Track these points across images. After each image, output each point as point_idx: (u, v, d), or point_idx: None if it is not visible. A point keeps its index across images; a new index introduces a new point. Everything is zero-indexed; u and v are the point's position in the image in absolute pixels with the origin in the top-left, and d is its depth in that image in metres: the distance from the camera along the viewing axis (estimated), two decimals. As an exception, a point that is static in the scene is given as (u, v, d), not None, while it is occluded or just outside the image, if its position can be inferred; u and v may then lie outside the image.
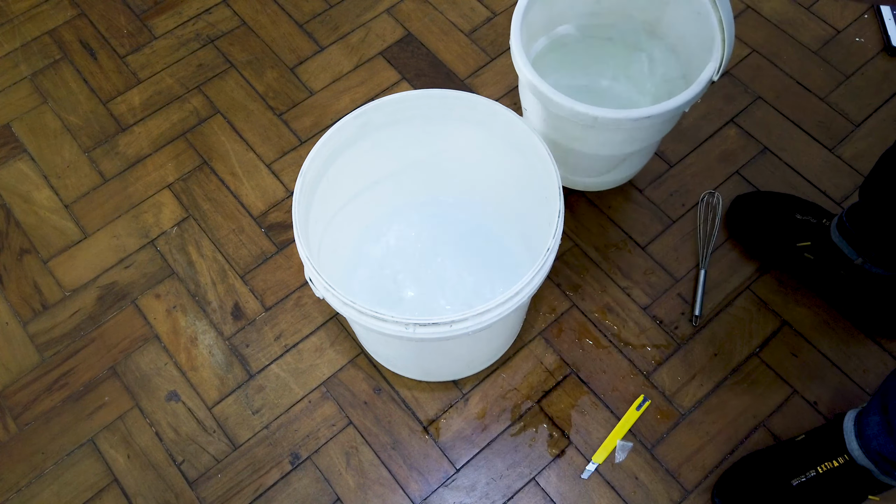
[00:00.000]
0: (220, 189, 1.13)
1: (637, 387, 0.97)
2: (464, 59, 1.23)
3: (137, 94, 1.22)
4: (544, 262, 0.74)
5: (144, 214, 1.11)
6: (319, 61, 1.24)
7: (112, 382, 0.99)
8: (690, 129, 1.15)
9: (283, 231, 1.09)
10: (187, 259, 1.08)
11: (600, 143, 0.91)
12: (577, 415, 0.95)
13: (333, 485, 0.92)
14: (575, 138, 0.91)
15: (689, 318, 1.00)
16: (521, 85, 0.94)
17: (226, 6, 1.31)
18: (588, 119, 0.83)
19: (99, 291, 1.05)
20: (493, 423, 0.95)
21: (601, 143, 0.91)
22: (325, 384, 0.98)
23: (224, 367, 1.00)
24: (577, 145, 0.92)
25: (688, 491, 0.90)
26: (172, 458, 0.94)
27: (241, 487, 0.92)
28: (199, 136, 1.18)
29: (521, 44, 0.88)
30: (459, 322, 0.72)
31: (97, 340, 1.02)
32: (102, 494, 0.92)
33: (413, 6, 1.29)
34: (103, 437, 0.96)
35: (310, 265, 0.76)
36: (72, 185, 1.14)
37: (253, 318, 1.03)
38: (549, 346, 0.99)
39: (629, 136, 0.89)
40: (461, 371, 0.96)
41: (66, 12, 1.31)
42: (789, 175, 1.10)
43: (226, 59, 1.25)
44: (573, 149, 0.94)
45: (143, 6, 1.31)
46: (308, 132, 1.18)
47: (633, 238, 1.07)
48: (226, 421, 0.96)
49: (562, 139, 0.93)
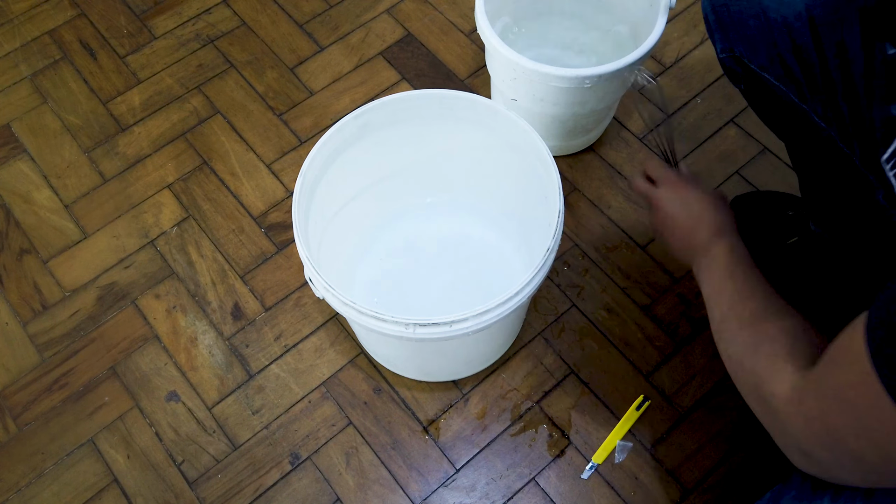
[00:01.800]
0: (220, 189, 1.13)
1: (637, 387, 0.97)
2: (464, 59, 1.23)
3: (137, 95, 1.22)
4: (544, 262, 0.74)
5: (144, 214, 1.11)
6: (319, 61, 1.24)
7: (112, 382, 0.99)
8: (690, 129, 1.15)
9: (283, 231, 1.09)
10: (187, 259, 1.07)
11: (566, 104, 0.99)
12: (577, 415, 0.95)
13: (333, 485, 0.92)
14: (541, 100, 0.98)
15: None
16: (490, 55, 1.02)
17: (226, 6, 1.31)
18: (553, 79, 0.92)
19: (99, 291, 1.05)
20: (493, 423, 0.95)
21: (566, 104, 0.99)
22: (325, 384, 0.98)
23: (224, 367, 1.00)
24: (542, 108, 1.01)
25: (688, 491, 0.90)
26: (172, 458, 0.94)
27: (240, 487, 0.92)
28: (199, 137, 1.18)
29: (485, 15, 0.95)
30: (459, 322, 0.72)
31: (97, 340, 1.02)
32: (102, 494, 0.92)
33: (413, 6, 1.29)
34: (103, 437, 0.96)
35: (310, 265, 0.76)
36: (72, 185, 1.14)
37: (253, 319, 1.03)
38: (549, 346, 0.99)
39: (590, 95, 0.97)
40: (461, 371, 0.96)
41: (66, 12, 1.31)
42: (789, 175, 1.10)
43: (226, 60, 1.25)
44: (545, 112, 1.01)
45: (143, 6, 1.31)
46: (308, 132, 1.18)
47: (633, 238, 1.07)
48: (226, 421, 0.96)
49: (531, 104, 1.01)
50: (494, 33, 0.94)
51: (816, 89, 0.69)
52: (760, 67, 0.74)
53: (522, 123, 0.84)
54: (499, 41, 0.93)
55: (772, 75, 0.73)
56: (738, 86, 0.81)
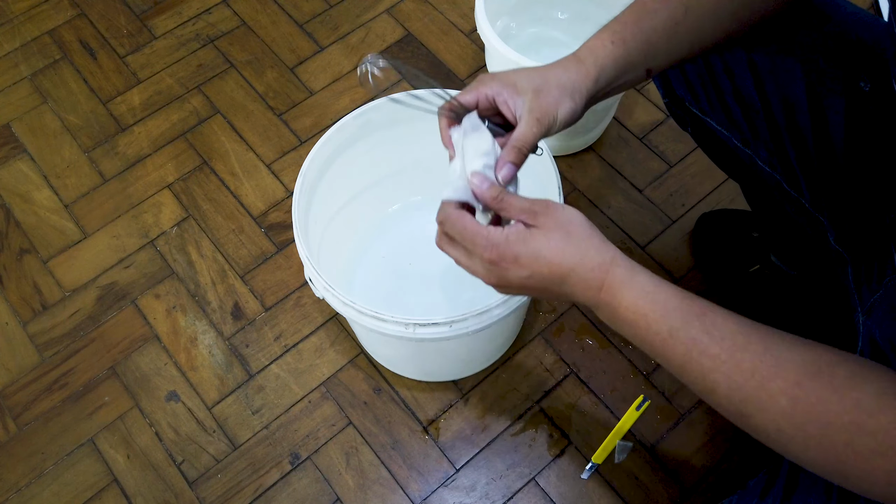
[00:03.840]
0: (219, 189, 1.13)
1: (637, 387, 0.97)
2: (464, 59, 1.23)
3: (137, 94, 1.22)
4: (544, 262, 0.74)
5: (144, 214, 1.11)
6: (319, 61, 1.24)
7: (112, 382, 0.99)
8: (690, 129, 1.15)
9: (283, 231, 1.09)
10: (187, 259, 1.07)
11: None
12: (577, 415, 0.95)
13: (333, 485, 0.92)
14: None
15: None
16: (490, 55, 1.01)
17: (226, 6, 1.31)
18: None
19: (99, 291, 1.05)
20: (493, 423, 0.95)
21: None
22: (324, 384, 0.98)
23: (224, 367, 1.00)
24: None
25: (688, 491, 0.90)
26: (172, 458, 0.94)
27: (240, 487, 0.92)
28: (198, 136, 1.18)
29: (485, 15, 0.95)
30: (459, 322, 0.72)
31: (97, 340, 1.02)
32: (102, 494, 0.92)
33: (413, 6, 1.29)
34: (103, 437, 0.96)
35: (310, 265, 0.76)
36: (72, 185, 1.14)
37: (253, 318, 1.03)
38: (549, 346, 0.99)
39: None
40: (461, 371, 0.96)
41: (66, 12, 1.31)
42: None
43: (226, 59, 1.25)
44: None
45: (143, 6, 1.31)
46: (308, 132, 1.18)
47: (633, 238, 1.07)
48: (225, 421, 0.96)
49: None
50: (494, 33, 0.94)
51: (759, 133, 0.67)
52: (702, 112, 0.72)
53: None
54: (499, 41, 0.93)
55: (714, 119, 0.71)
56: (686, 129, 0.79)
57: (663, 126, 1.16)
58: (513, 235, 0.51)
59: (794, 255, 0.94)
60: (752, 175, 0.74)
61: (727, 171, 0.85)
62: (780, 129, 0.65)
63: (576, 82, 0.56)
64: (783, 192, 0.69)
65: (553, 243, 0.50)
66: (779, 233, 0.92)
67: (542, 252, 0.50)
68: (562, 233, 0.51)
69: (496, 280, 0.53)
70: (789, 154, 0.65)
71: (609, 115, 1.11)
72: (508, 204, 0.53)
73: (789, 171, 0.67)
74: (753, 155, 0.69)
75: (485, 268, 0.53)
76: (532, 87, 0.55)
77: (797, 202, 0.68)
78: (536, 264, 0.51)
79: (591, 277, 0.50)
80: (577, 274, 0.50)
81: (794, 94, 0.63)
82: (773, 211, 0.85)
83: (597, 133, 1.13)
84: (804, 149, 0.64)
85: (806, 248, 0.90)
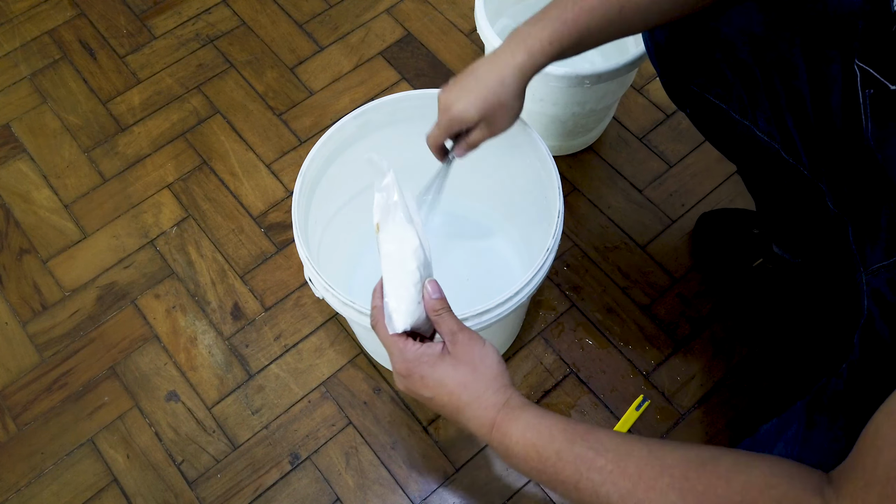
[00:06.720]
0: (219, 189, 1.13)
1: (637, 387, 0.97)
2: (464, 59, 1.23)
3: (137, 94, 1.22)
4: (544, 262, 0.74)
5: (144, 214, 1.11)
6: (319, 61, 1.24)
7: (112, 382, 0.99)
8: (690, 129, 1.15)
9: (283, 231, 1.09)
10: (187, 259, 1.07)
11: (566, 104, 0.99)
12: (577, 415, 0.95)
13: (333, 485, 0.92)
14: (540, 100, 0.99)
15: None
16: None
17: (225, 6, 1.31)
18: (553, 79, 0.93)
19: (98, 291, 1.05)
20: (493, 423, 0.95)
21: (566, 104, 0.99)
22: (324, 384, 0.98)
23: (224, 367, 1.00)
24: (542, 108, 1.02)
25: (687, 491, 0.90)
26: (172, 458, 0.94)
27: (240, 487, 0.92)
28: (198, 136, 1.18)
29: (485, 15, 0.96)
30: (459, 322, 0.71)
31: (97, 340, 1.02)
32: (102, 494, 0.92)
33: (413, 6, 1.29)
34: (103, 437, 0.96)
35: (309, 265, 0.76)
36: (71, 185, 1.14)
37: (252, 318, 1.03)
38: (549, 346, 0.99)
39: (589, 95, 0.98)
40: (461, 371, 0.96)
41: (66, 12, 1.31)
42: (789, 175, 1.10)
43: (225, 59, 1.25)
44: (544, 112, 1.02)
45: (142, 6, 1.31)
46: (308, 132, 1.18)
47: (633, 238, 1.07)
48: (225, 421, 0.96)
49: (531, 104, 1.01)
50: (494, 33, 0.94)
51: (758, 103, 0.68)
52: (700, 87, 0.73)
53: (522, 123, 0.84)
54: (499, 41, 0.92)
55: (712, 94, 0.72)
56: (685, 110, 0.80)
57: (663, 126, 1.16)
58: (425, 357, 0.55)
59: (794, 237, 0.94)
60: (750, 150, 0.74)
61: (725, 152, 0.85)
62: (780, 96, 0.66)
63: (517, 91, 0.66)
64: (782, 163, 0.70)
65: (459, 376, 0.54)
66: (778, 213, 0.92)
67: (445, 381, 0.54)
68: (469, 368, 0.54)
69: (404, 388, 0.57)
70: (787, 120, 0.66)
71: (609, 115, 1.11)
72: (443, 320, 0.57)
73: (787, 139, 0.67)
74: (752, 126, 0.70)
75: (396, 372, 0.57)
76: (481, 116, 0.67)
77: (795, 171, 0.69)
78: (438, 390, 0.54)
79: (484, 416, 0.53)
80: (472, 410, 0.53)
81: (794, 63, 0.64)
82: (772, 190, 0.85)
83: (597, 133, 1.13)
84: (803, 113, 0.65)
85: (806, 225, 0.89)
